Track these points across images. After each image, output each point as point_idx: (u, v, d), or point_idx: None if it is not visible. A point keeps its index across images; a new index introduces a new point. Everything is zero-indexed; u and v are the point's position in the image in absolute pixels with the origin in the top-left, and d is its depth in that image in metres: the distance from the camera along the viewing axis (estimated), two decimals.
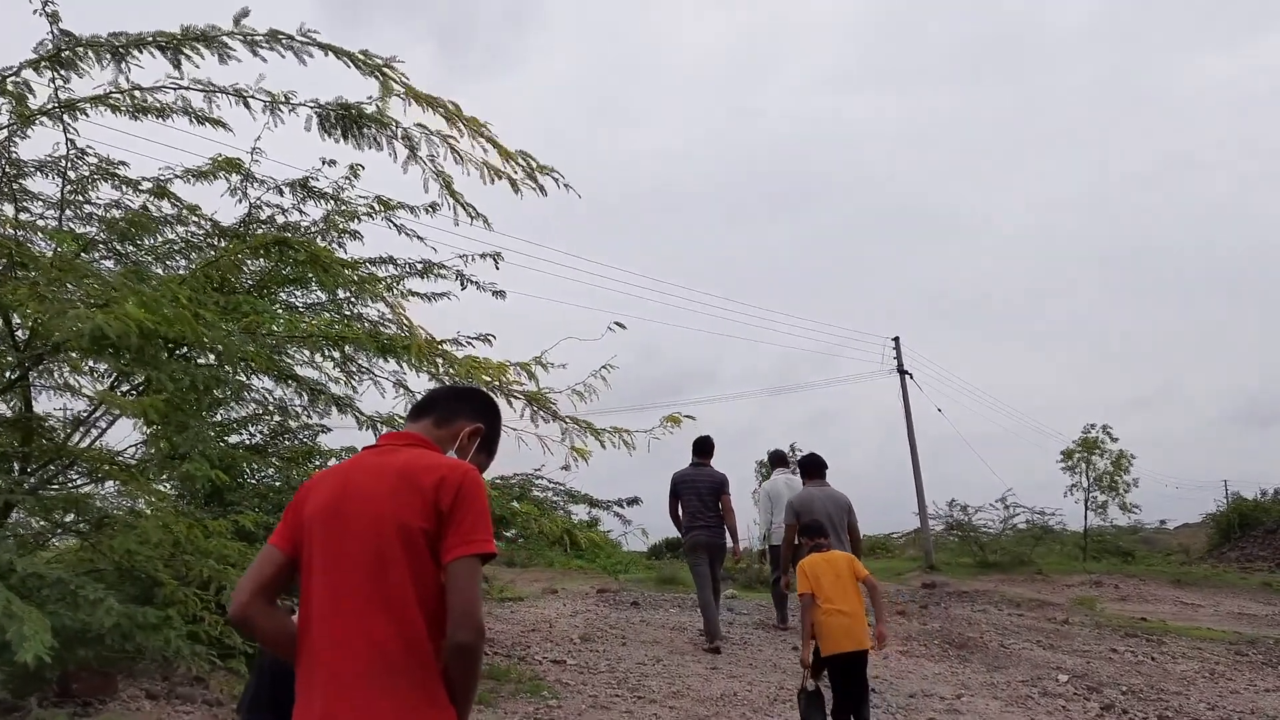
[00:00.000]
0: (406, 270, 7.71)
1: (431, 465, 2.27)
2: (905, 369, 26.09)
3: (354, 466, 2.37)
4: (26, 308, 4.08)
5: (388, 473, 2.27)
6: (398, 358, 4.96)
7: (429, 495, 2.19)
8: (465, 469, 2.28)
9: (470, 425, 2.52)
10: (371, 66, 4.56)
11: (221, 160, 6.80)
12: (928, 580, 18.52)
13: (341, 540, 2.23)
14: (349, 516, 2.24)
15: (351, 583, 2.19)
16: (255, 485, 7.61)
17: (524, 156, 4.88)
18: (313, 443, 8.29)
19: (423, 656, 2.16)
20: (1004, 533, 22.14)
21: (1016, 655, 10.43)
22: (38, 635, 3.78)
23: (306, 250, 5.10)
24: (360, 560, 2.20)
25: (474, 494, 2.23)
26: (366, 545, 2.20)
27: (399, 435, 2.46)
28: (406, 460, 2.29)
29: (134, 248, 6.93)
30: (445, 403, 2.57)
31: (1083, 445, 24.89)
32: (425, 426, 2.49)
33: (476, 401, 2.64)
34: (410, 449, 2.36)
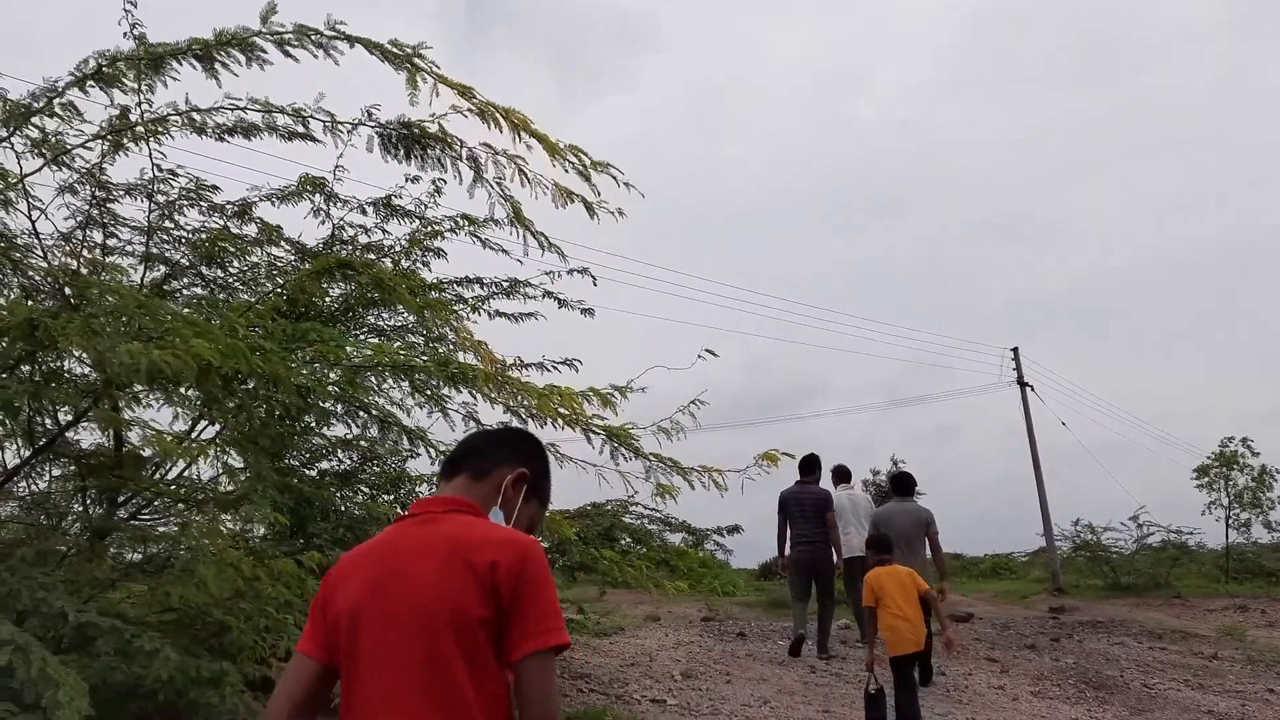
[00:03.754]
0: (493, 290, 7.44)
1: (483, 541, 1.91)
2: (1025, 380, 25.01)
3: (390, 545, 2.01)
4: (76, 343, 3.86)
5: (433, 551, 1.92)
6: (467, 386, 4.61)
7: (484, 578, 1.85)
8: (524, 545, 1.91)
9: (511, 472, 2.14)
10: (401, 57, 4.21)
11: (306, 180, 6.63)
12: (1055, 604, 17.81)
13: (385, 636, 1.89)
14: (392, 606, 1.90)
15: (402, 687, 1.85)
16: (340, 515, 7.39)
17: (575, 152, 4.45)
18: (400, 469, 8.08)
19: None
20: (1137, 553, 21.00)
21: (1162, 697, 9.60)
22: (73, 701, 3.52)
23: (368, 273, 4.79)
24: (410, 659, 1.85)
25: (537, 575, 1.88)
26: (415, 641, 1.86)
27: (436, 500, 2.07)
28: (453, 534, 1.94)
29: (221, 272, 6.82)
30: (478, 452, 2.19)
31: (1220, 460, 23.38)
32: (462, 484, 2.12)
33: (514, 443, 2.27)
34: (453, 517, 2.00)
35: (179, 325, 4.05)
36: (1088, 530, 21.50)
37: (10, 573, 3.81)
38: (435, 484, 2.27)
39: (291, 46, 4.25)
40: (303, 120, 4.58)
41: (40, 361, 4.78)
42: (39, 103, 4.33)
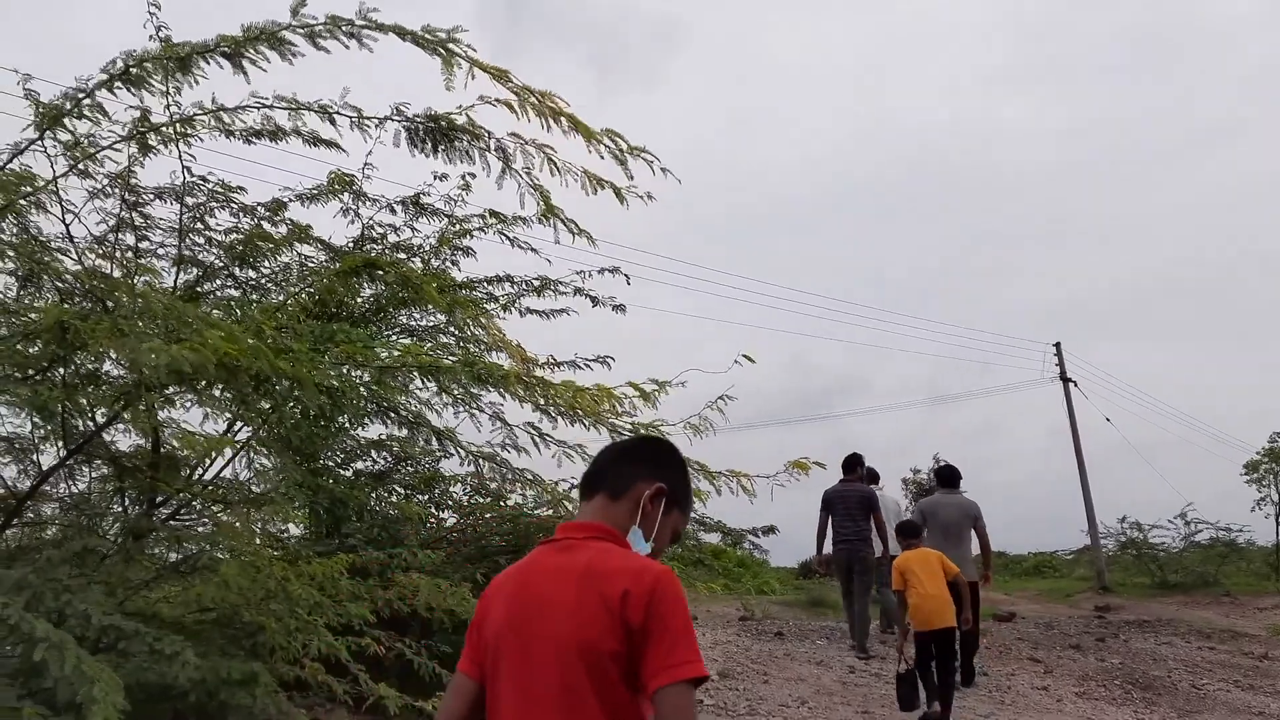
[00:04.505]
0: (523, 288, 7.40)
1: (616, 570, 1.91)
2: (1068, 376, 24.59)
3: (531, 573, 2.04)
4: (105, 344, 3.86)
5: (569, 580, 1.94)
6: (495, 387, 4.56)
7: (615, 610, 1.85)
8: (655, 574, 1.89)
9: (649, 487, 2.13)
10: (435, 42, 4.14)
11: (335, 177, 6.63)
12: (1101, 603, 17.56)
13: (523, 665, 1.93)
14: (530, 638, 1.94)
15: (538, 714, 1.88)
16: (374, 515, 7.40)
17: (611, 136, 4.36)
18: (434, 469, 8.07)
19: None
20: (1185, 551, 20.69)
21: (1212, 698, 9.37)
22: (108, 697, 3.51)
23: (395, 271, 4.76)
24: (546, 686, 1.88)
25: (670, 605, 1.85)
26: (551, 673, 1.88)
27: (578, 526, 2.09)
28: (589, 563, 1.95)
29: (253, 273, 6.84)
30: (614, 470, 2.18)
31: (1270, 455, 22.84)
32: (600, 506, 2.13)
33: (649, 454, 2.24)
34: (592, 544, 2.01)
35: (203, 326, 4.04)
36: (1134, 528, 21.23)
37: (36, 575, 3.82)
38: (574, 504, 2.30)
39: (322, 38, 4.21)
40: (329, 116, 4.55)
41: (76, 364, 4.82)
42: (69, 104, 4.34)
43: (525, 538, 7.51)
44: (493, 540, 7.67)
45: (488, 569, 7.22)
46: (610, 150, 4.36)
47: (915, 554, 8.01)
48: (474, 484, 7.90)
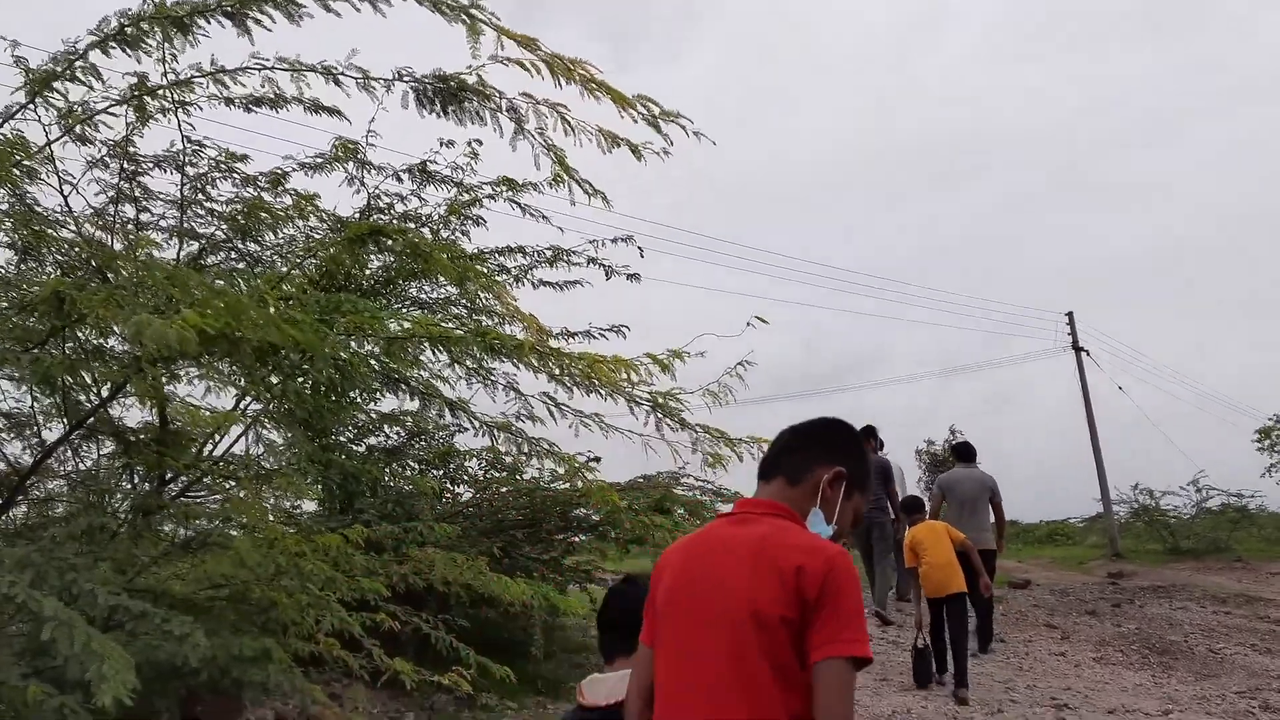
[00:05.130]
0: (536, 259, 7.26)
1: (793, 545, 1.96)
2: (1081, 345, 24.42)
3: (707, 541, 2.10)
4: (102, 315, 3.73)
5: (744, 550, 1.99)
6: (508, 357, 4.42)
7: (789, 581, 1.90)
8: (832, 554, 1.94)
9: (829, 471, 2.15)
10: (456, 8, 3.98)
11: (339, 146, 6.46)
12: (1114, 570, 17.59)
13: (694, 626, 2.00)
14: (702, 599, 2.00)
15: (708, 675, 1.94)
16: (389, 490, 7.31)
17: (643, 101, 4.20)
18: (449, 444, 7.97)
19: None
20: (1197, 517, 20.74)
21: (1229, 662, 9.28)
22: (118, 675, 3.40)
23: (402, 239, 4.61)
24: (717, 649, 1.94)
25: (844, 585, 1.90)
26: (722, 632, 1.94)
27: (756, 503, 2.14)
28: (765, 535, 2.00)
29: (256, 245, 6.70)
30: (792, 453, 2.21)
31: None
32: (779, 489, 2.16)
33: (827, 438, 2.24)
34: (769, 520, 2.06)
35: (208, 294, 3.90)
36: (1146, 495, 21.25)
37: (41, 553, 3.71)
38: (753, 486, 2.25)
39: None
40: (334, 78, 4.39)
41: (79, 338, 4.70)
42: (60, 66, 4.19)
43: (543, 511, 7.41)
44: (509, 514, 7.57)
45: (504, 543, 7.13)
46: (644, 116, 4.20)
47: (923, 527, 8.36)
48: (489, 458, 7.80)
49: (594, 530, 8.01)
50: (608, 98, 4.17)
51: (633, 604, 2.26)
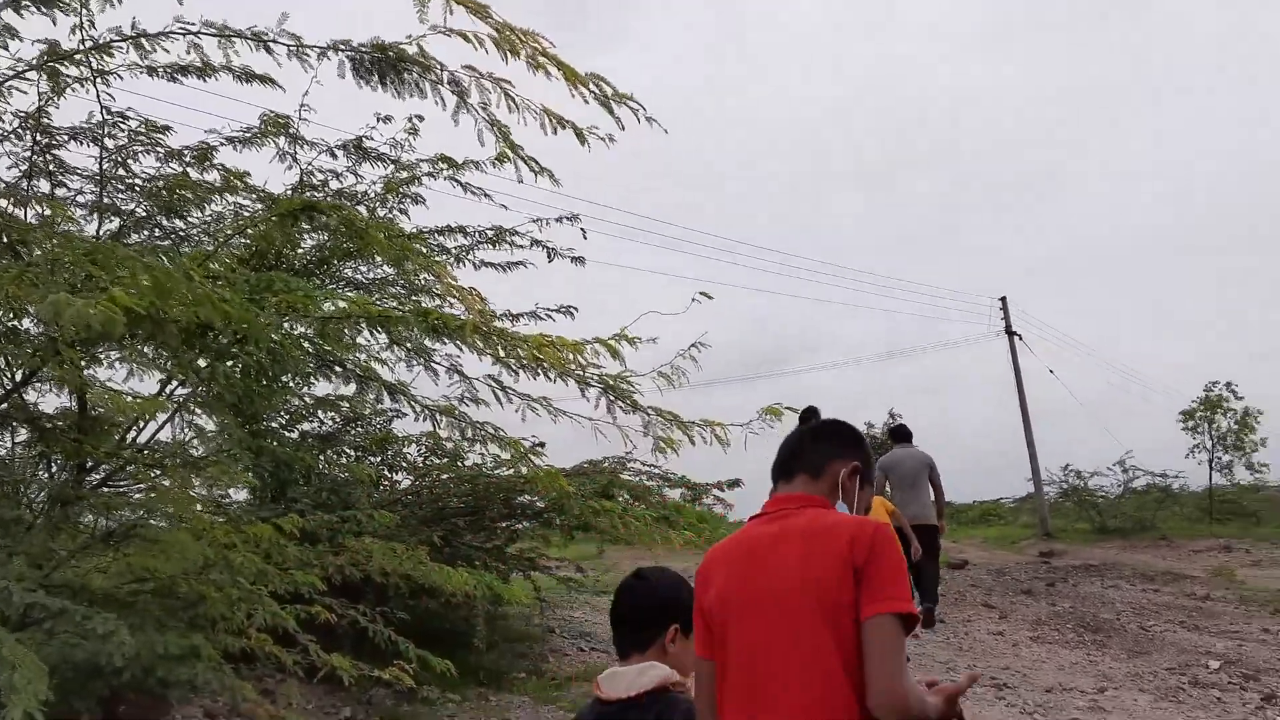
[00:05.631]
0: (477, 239, 7.05)
1: (837, 523, 2.08)
2: (1014, 330, 24.89)
3: (752, 542, 2.17)
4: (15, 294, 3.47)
5: (792, 539, 2.10)
6: (451, 338, 4.24)
7: (842, 552, 2.00)
8: (874, 525, 2.06)
9: (846, 465, 2.29)
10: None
11: (268, 120, 6.16)
12: (1045, 549, 18.06)
13: (755, 619, 2.07)
14: (758, 591, 2.09)
15: (773, 662, 2.02)
16: (323, 478, 7.06)
17: (596, 81, 4.02)
18: (386, 430, 7.73)
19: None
20: (1123, 497, 21.42)
21: (1159, 639, 9.52)
22: (30, 686, 3.18)
23: (337, 215, 4.38)
24: (781, 636, 2.02)
25: (887, 549, 2.02)
26: (784, 619, 2.03)
27: (788, 499, 2.24)
28: (809, 523, 2.12)
29: (181, 222, 6.40)
30: (810, 452, 2.33)
31: (1204, 404, 23.56)
32: (803, 484, 2.27)
33: (839, 437, 2.38)
34: (805, 511, 2.17)
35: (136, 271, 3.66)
36: (1075, 476, 21.85)
37: None
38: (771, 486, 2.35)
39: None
40: (264, 45, 4.14)
41: None
42: None
43: (485, 498, 7.23)
44: (450, 502, 7.38)
45: (445, 531, 6.94)
46: (596, 95, 4.02)
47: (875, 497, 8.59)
48: (430, 444, 7.58)
49: (538, 517, 7.85)
50: (559, 73, 4.00)
51: (642, 599, 2.32)
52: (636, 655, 2.29)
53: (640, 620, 2.31)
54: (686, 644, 2.30)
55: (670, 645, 2.30)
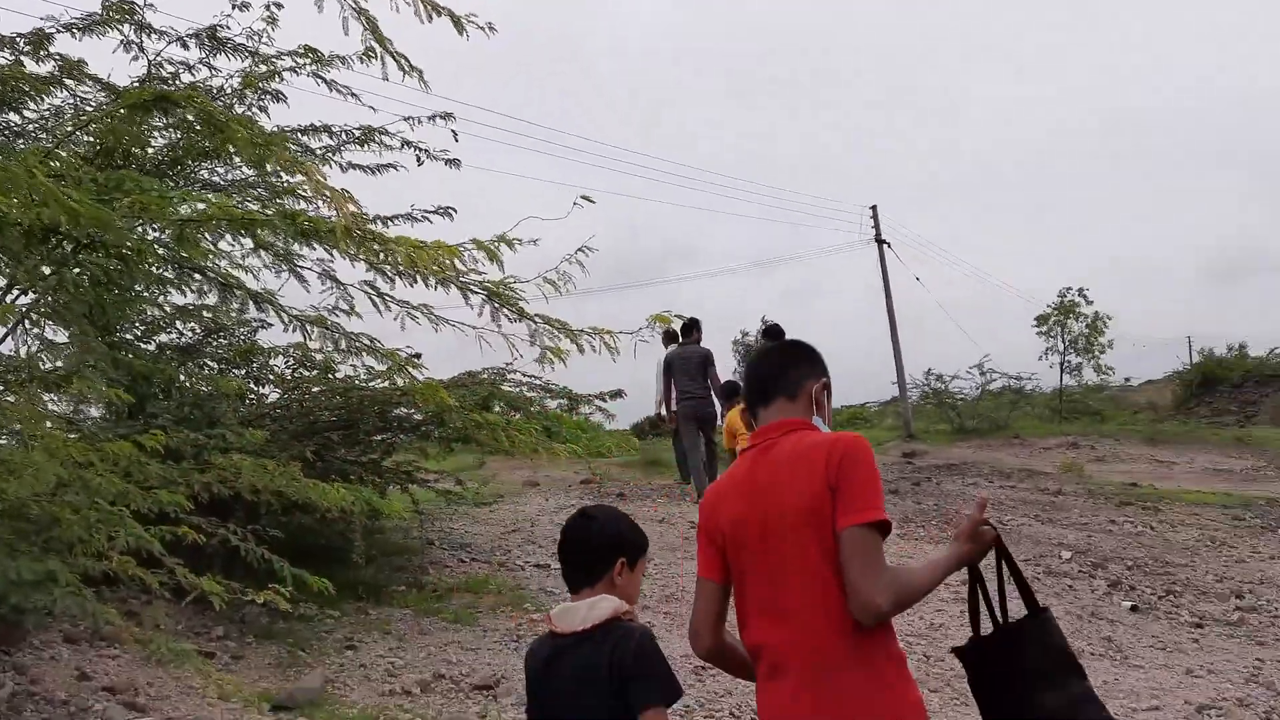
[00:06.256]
0: (344, 139, 6.67)
1: (814, 444, 2.28)
2: (883, 238, 25.43)
3: (749, 471, 2.39)
4: None
5: (783, 464, 2.30)
6: (321, 243, 4.00)
7: (821, 474, 2.20)
8: (848, 439, 2.27)
9: (816, 383, 2.47)
10: None
11: (113, 4, 5.63)
12: (908, 449, 18.63)
13: (763, 540, 2.28)
14: (762, 515, 2.29)
15: (781, 579, 2.25)
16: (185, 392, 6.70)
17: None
18: (251, 341, 7.37)
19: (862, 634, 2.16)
20: (980, 399, 22.29)
21: (1016, 532, 10.05)
22: None
23: (193, 106, 4.02)
24: (785, 552, 2.24)
25: (859, 460, 2.21)
26: (787, 543, 2.24)
27: (772, 426, 2.42)
28: (793, 448, 2.31)
29: (16, 116, 5.85)
30: (783, 375, 2.48)
31: (1059, 309, 24.76)
32: (782, 406, 2.45)
33: (806, 357, 2.54)
34: (790, 436, 2.36)
35: None
36: (937, 379, 22.65)
37: None
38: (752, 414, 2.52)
39: None
40: None
41: None
42: None
43: (359, 411, 7.00)
44: (322, 415, 7.12)
45: (318, 446, 6.71)
46: None
47: (739, 411, 8.78)
48: (298, 355, 7.26)
49: (416, 430, 7.67)
50: None
51: (591, 537, 2.44)
52: (586, 589, 2.41)
53: (589, 557, 2.42)
54: (631, 576, 2.44)
55: (617, 578, 2.41)
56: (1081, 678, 2.35)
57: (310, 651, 5.89)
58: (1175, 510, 11.51)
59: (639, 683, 2.25)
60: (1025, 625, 2.41)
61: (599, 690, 2.27)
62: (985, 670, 2.43)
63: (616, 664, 2.26)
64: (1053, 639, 2.38)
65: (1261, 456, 16.77)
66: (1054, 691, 2.30)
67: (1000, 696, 2.36)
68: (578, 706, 2.32)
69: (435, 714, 5.01)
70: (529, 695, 2.49)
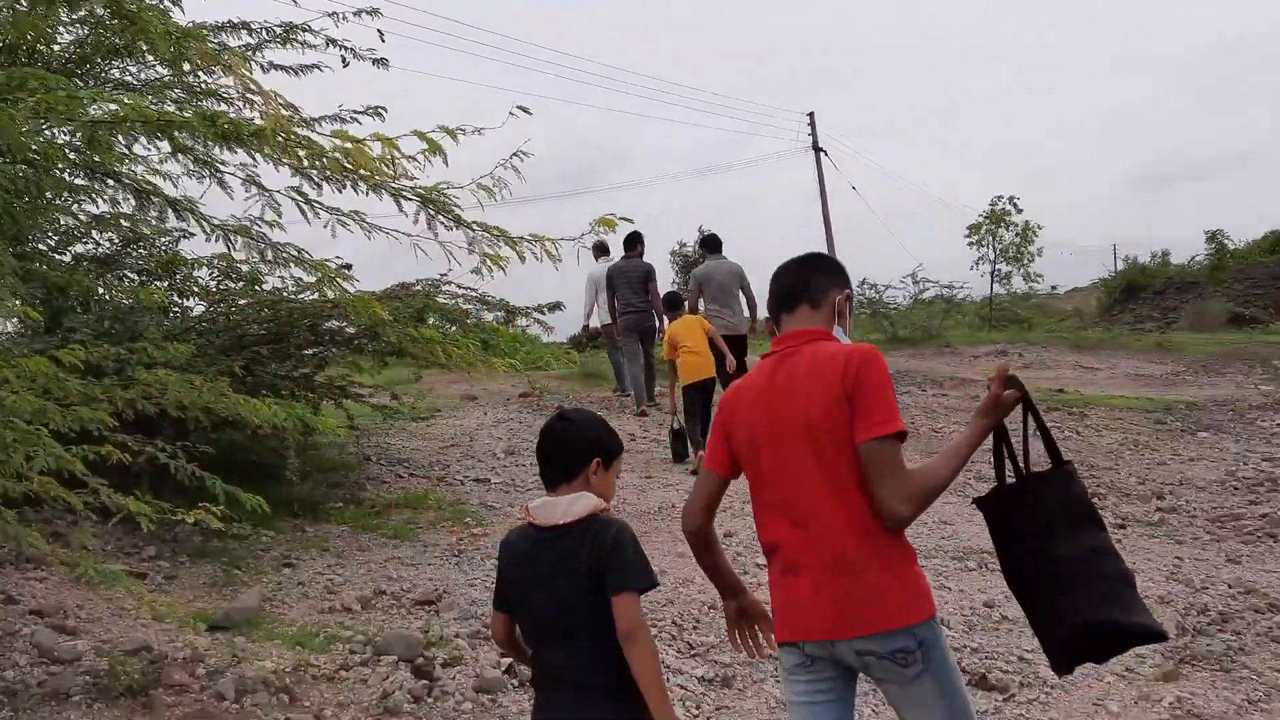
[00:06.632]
0: (264, 37, 6.30)
1: (832, 356, 2.41)
2: (820, 146, 25.35)
3: (769, 376, 2.52)
4: None
5: (799, 373, 2.44)
6: (244, 146, 3.76)
7: (838, 386, 2.35)
8: (863, 352, 2.39)
9: (839, 293, 2.63)
10: None
11: None
12: None
13: (782, 448, 2.44)
14: (780, 420, 2.44)
15: (799, 483, 2.41)
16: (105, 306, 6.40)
17: None
18: (173, 252, 7.05)
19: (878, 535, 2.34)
20: (913, 307, 22.60)
21: (947, 439, 10.22)
22: None
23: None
24: (804, 465, 2.39)
25: (874, 373, 2.35)
26: (805, 450, 2.39)
27: (793, 335, 2.56)
28: (811, 357, 2.45)
29: None
30: (808, 283, 2.62)
31: (990, 218, 25.06)
32: (804, 315, 2.59)
33: (829, 267, 2.70)
34: (810, 345, 2.49)
35: None
36: (871, 288, 22.79)
37: None
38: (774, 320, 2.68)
39: None
40: None
41: None
42: None
43: (289, 325, 6.77)
44: (250, 329, 6.88)
45: (247, 361, 6.49)
46: None
47: (680, 323, 9.24)
48: (223, 266, 6.98)
49: (348, 344, 7.46)
50: None
51: (569, 439, 2.55)
52: (564, 487, 2.52)
53: (566, 458, 2.53)
54: (606, 476, 2.55)
55: (593, 477, 2.52)
56: (1100, 529, 2.43)
57: (246, 570, 5.79)
58: (1099, 415, 11.85)
59: (615, 572, 2.38)
60: (1047, 476, 2.48)
61: (578, 581, 2.41)
62: (1005, 521, 2.50)
63: (594, 555, 2.40)
64: (1074, 490, 2.44)
65: (1181, 362, 17.27)
66: (1072, 541, 2.37)
67: (1019, 546, 2.46)
68: (556, 597, 2.45)
69: (377, 630, 4.96)
70: (504, 582, 2.61)
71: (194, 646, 4.43)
